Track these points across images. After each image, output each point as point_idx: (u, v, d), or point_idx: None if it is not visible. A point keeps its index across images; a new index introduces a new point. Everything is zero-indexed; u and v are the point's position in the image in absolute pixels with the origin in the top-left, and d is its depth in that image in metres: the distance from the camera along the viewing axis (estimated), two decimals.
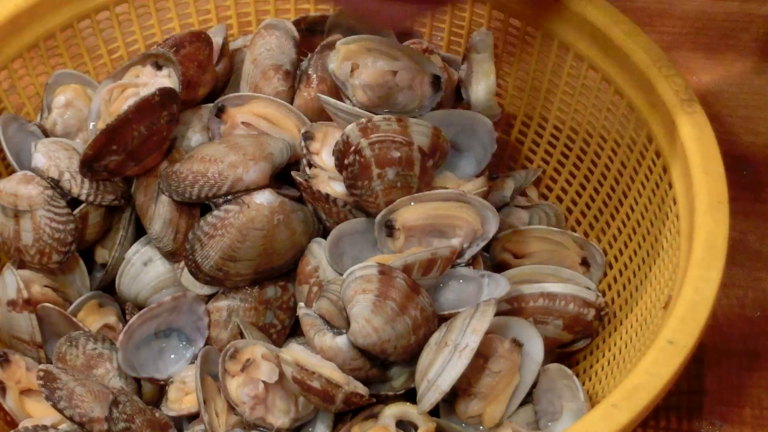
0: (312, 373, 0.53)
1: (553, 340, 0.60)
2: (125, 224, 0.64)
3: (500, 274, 0.58)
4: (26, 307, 0.60)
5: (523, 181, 0.68)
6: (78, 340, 0.60)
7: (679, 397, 0.64)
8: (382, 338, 0.53)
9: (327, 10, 0.72)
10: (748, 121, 0.79)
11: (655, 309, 0.54)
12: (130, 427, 0.54)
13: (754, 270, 0.70)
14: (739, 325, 0.68)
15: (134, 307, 0.63)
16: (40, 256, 0.61)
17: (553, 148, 0.69)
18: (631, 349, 0.56)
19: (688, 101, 0.56)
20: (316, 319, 0.56)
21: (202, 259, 0.59)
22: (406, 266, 0.55)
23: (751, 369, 0.66)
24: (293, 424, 0.56)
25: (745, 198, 0.74)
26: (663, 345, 0.46)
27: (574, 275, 0.62)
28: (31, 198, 0.60)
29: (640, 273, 0.60)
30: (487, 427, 0.56)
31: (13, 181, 0.61)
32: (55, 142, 0.64)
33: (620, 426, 0.43)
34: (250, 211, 0.58)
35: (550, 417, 0.56)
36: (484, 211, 0.59)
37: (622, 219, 0.63)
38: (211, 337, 0.60)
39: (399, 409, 0.54)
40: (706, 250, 0.49)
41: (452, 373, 0.52)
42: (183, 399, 0.59)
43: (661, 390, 0.44)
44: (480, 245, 0.59)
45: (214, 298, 0.61)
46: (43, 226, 0.60)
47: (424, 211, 0.59)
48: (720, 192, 0.52)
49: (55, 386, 0.55)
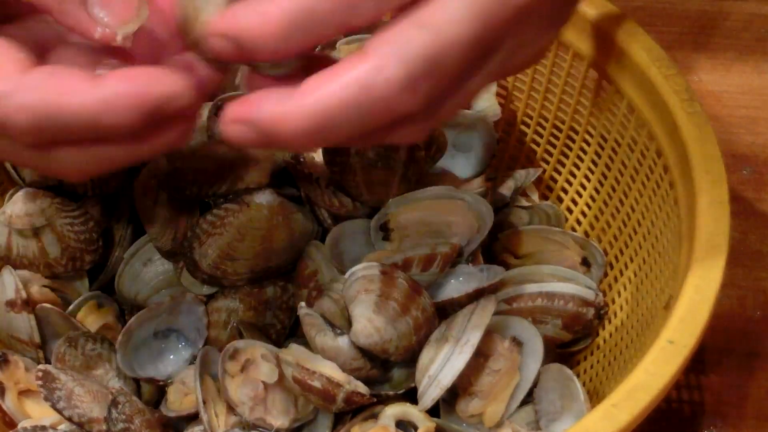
0: (313, 373, 0.53)
1: (552, 340, 0.60)
2: (125, 224, 0.64)
3: (497, 266, 0.59)
4: (25, 308, 0.60)
5: (523, 181, 0.68)
6: (77, 340, 0.60)
7: (679, 397, 0.64)
8: (383, 338, 0.53)
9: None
10: (748, 121, 0.79)
11: (656, 309, 0.54)
12: (129, 427, 0.54)
13: (754, 270, 0.70)
14: (740, 325, 0.68)
15: (133, 307, 0.63)
16: (73, 263, 0.61)
17: (553, 148, 0.69)
18: (632, 349, 0.56)
19: (689, 101, 0.56)
20: (317, 319, 0.55)
21: (200, 257, 0.59)
22: (406, 261, 0.55)
23: (752, 369, 0.66)
24: (293, 424, 0.56)
25: (745, 198, 0.74)
26: (663, 345, 0.46)
27: (574, 275, 0.62)
28: (44, 211, 0.60)
29: (640, 273, 0.60)
30: (488, 427, 0.56)
31: (19, 203, 0.60)
32: None
33: (620, 426, 0.43)
34: (250, 211, 0.58)
35: (551, 417, 0.56)
36: (479, 207, 0.59)
37: (622, 219, 0.63)
38: (210, 338, 0.60)
39: (399, 409, 0.54)
40: (707, 250, 0.49)
41: (453, 368, 0.52)
42: (182, 399, 0.59)
43: (661, 390, 0.44)
44: (477, 241, 0.59)
45: (214, 299, 0.61)
46: (66, 233, 0.60)
47: (417, 209, 0.59)
48: (720, 192, 0.52)
49: (54, 386, 0.55)
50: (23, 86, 0.40)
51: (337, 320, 0.56)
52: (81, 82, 0.40)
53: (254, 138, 0.40)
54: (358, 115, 0.39)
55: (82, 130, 0.40)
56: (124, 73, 0.40)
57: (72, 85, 0.40)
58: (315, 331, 0.55)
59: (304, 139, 0.39)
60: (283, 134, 0.39)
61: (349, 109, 0.38)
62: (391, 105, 0.39)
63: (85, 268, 0.62)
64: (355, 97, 0.38)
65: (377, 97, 0.38)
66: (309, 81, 0.39)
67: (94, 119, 0.40)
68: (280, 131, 0.39)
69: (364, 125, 0.39)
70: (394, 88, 0.38)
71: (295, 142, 0.40)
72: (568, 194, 0.69)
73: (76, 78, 0.40)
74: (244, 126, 0.40)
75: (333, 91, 0.39)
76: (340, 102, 0.38)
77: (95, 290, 0.64)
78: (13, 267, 0.61)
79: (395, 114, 0.39)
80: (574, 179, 0.68)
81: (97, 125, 0.40)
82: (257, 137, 0.40)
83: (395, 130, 0.41)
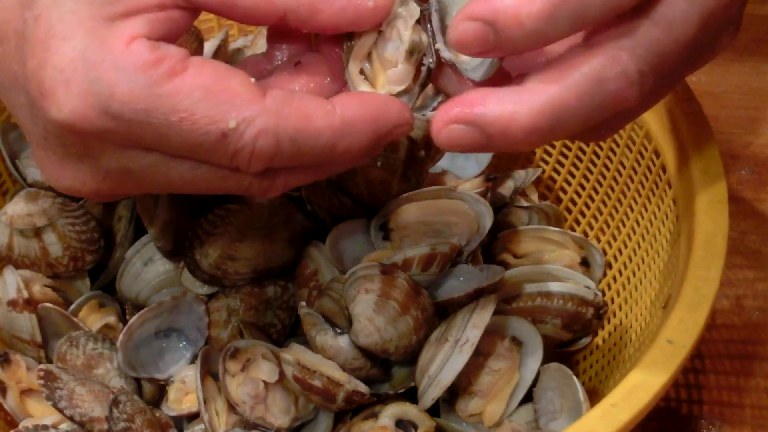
0: (313, 372, 0.53)
1: (552, 339, 0.60)
2: (125, 224, 0.64)
3: (497, 266, 0.59)
4: (26, 307, 0.60)
5: (522, 181, 0.68)
6: (78, 339, 0.60)
7: (678, 397, 0.64)
8: (383, 338, 0.53)
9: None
10: (748, 121, 0.79)
11: (655, 309, 0.55)
12: (131, 426, 0.54)
13: (753, 270, 0.71)
14: (739, 325, 0.68)
15: (134, 306, 0.63)
16: (75, 262, 0.61)
17: (553, 148, 0.69)
18: (631, 348, 0.56)
19: (688, 101, 0.56)
20: (317, 318, 0.56)
21: (201, 257, 0.59)
22: (406, 261, 0.55)
23: (751, 369, 0.66)
24: (293, 423, 0.56)
25: (744, 198, 0.74)
26: (662, 345, 0.46)
27: (573, 274, 0.62)
28: (46, 211, 0.60)
29: (639, 273, 0.60)
30: (487, 426, 0.56)
31: (20, 203, 0.60)
32: None
33: (620, 425, 0.43)
34: (251, 211, 0.58)
35: (550, 416, 0.56)
36: (478, 206, 0.59)
37: (621, 219, 0.63)
38: (211, 337, 0.60)
39: (399, 409, 0.54)
40: (706, 250, 0.49)
41: (453, 367, 0.52)
42: (183, 399, 0.59)
43: (660, 389, 0.44)
44: (477, 241, 0.59)
45: (214, 298, 0.61)
46: (68, 233, 0.60)
47: (417, 209, 0.59)
48: (719, 192, 0.52)
49: (56, 386, 0.55)
50: (266, 112, 0.40)
51: (337, 320, 0.56)
52: (319, 106, 0.40)
53: (476, 140, 0.39)
54: (589, 110, 0.38)
55: (316, 154, 0.41)
56: (357, 98, 0.41)
57: (313, 109, 0.40)
58: (315, 330, 0.55)
59: (534, 136, 0.38)
60: (513, 133, 0.38)
61: (582, 104, 0.37)
62: (621, 99, 0.38)
63: (86, 268, 0.62)
64: (588, 91, 0.37)
65: (610, 90, 0.38)
66: (535, 76, 0.38)
67: (334, 143, 0.40)
68: (510, 130, 0.38)
69: (591, 120, 0.38)
70: (626, 81, 0.37)
71: (523, 141, 0.38)
72: (566, 194, 0.69)
73: (315, 103, 0.40)
74: (467, 127, 0.39)
75: (567, 85, 0.37)
76: (572, 96, 0.37)
77: (96, 290, 0.64)
78: (14, 267, 0.61)
79: (620, 108, 0.38)
80: (573, 179, 0.68)
81: (334, 148, 0.41)
82: (480, 138, 0.39)
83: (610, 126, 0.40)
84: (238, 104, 0.40)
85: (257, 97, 0.40)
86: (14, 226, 0.60)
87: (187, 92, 0.40)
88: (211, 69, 0.41)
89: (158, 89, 0.40)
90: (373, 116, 0.41)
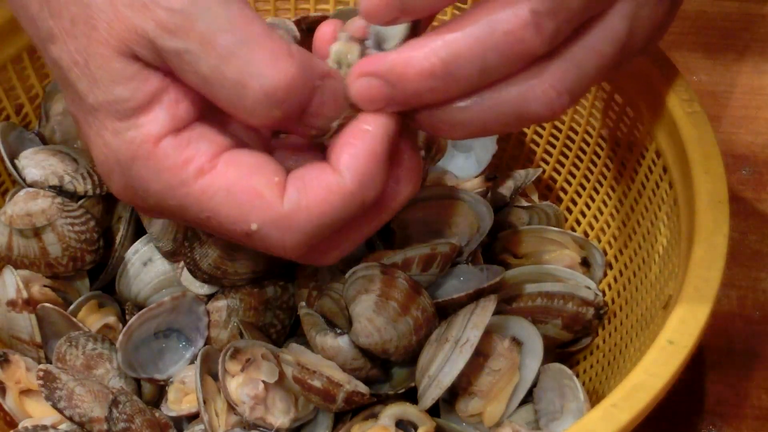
0: (313, 372, 0.53)
1: (552, 339, 0.60)
2: (125, 224, 0.64)
3: (497, 266, 0.59)
4: (26, 307, 0.60)
5: (522, 181, 0.68)
6: (78, 340, 0.60)
7: (678, 397, 0.64)
8: (383, 338, 0.53)
9: (327, 10, 0.72)
10: (748, 121, 0.79)
11: (655, 309, 0.54)
12: (130, 427, 0.54)
13: (754, 270, 0.71)
14: (739, 325, 0.68)
15: (134, 307, 0.63)
16: (74, 262, 0.61)
17: (553, 148, 0.69)
18: (632, 348, 0.56)
19: (688, 101, 0.56)
20: (317, 319, 0.56)
21: (200, 257, 0.59)
22: (406, 260, 0.55)
23: (751, 369, 0.66)
24: (293, 424, 0.56)
25: (745, 198, 0.74)
26: (663, 345, 0.46)
27: (573, 275, 0.62)
28: (45, 211, 0.60)
29: (640, 273, 0.60)
30: (487, 426, 0.56)
31: (20, 203, 0.60)
32: (41, 151, 0.63)
33: (620, 426, 0.43)
34: None
35: (551, 416, 0.56)
36: (478, 207, 0.59)
37: (622, 219, 0.63)
38: (210, 337, 0.60)
39: (399, 409, 0.54)
40: (706, 250, 0.49)
41: (454, 368, 0.52)
42: (183, 399, 0.59)
43: (661, 390, 0.44)
44: (477, 241, 0.59)
45: (214, 298, 0.61)
46: (67, 233, 0.60)
47: (417, 209, 0.59)
48: (720, 192, 0.52)
49: (55, 386, 0.55)
50: (285, 217, 0.41)
51: (337, 320, 0.56)
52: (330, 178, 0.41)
53: (382, 90, 0.40)
54: (484, 50, 0.39)
55: (348, 220, 0.42)
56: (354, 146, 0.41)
57: (325, 185, 0.41)
58: (315, 330, 0.55)
59: (431, 80, 0.39)
60: (409, 78, 0.39)
61: (476, 43, 0.39)
62: (516, 40, 0.39)
63: (85, 268, 0.62)
64: (481, 32, 0.39)
65: (502, 31, 0.39)
66: (436, 28, 0.40)
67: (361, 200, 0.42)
68: (406, 74, 0.39)
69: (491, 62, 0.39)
70: (517, 21, 0.38)
71: (421, 86, 0.39)
72: (567, 194, 0.69)
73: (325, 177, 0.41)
74: (371, 78, 0.40)
75: (459, 28, 0.39)
76: (465, 38, 0.39)
77: (96, 290, 0.64)
78: (14, 267, 0.61)
79: (522, 51, 0.39)
80: (574, 179, 0.68)
81: (362, 205, 0.42)
82: (384, 88, 0.40)
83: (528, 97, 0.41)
84: (259, 207, 0.41)
85: (279, 200, 0.41)
86: (13, 226, 0.60)
87: (213, 193, 0.41)
88: (237, 168, 0.42)
89: (188, 188, 0.41)
90: (378, 155, 0.41)
